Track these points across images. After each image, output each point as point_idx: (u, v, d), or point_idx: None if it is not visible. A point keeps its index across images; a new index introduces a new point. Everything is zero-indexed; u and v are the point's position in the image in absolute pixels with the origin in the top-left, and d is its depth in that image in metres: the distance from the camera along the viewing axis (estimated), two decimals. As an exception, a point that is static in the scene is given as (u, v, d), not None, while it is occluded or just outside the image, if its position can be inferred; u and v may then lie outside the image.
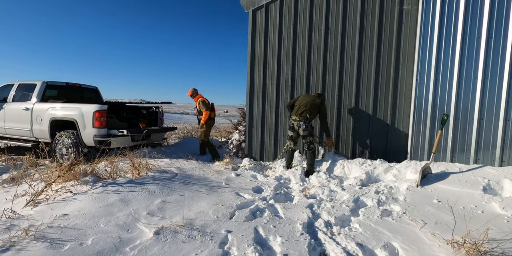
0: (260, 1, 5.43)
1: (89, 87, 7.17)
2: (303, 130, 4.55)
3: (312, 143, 4.60)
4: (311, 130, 4.62)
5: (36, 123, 5.80)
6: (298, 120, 4.57)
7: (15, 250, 2.14)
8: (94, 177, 3.73)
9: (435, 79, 4.48)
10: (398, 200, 3.33)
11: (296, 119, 4.59)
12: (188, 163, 4.96)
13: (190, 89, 6.36)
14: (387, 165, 4.37)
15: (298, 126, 4.59)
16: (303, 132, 4.57)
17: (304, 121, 4.54)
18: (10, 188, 3.80)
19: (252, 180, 4.31)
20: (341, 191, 3.69)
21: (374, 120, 4.98)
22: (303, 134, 4.58)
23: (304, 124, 4.53)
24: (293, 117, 4.65)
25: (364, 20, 4.95)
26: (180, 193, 3.47)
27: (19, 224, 2.55)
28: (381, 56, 4.90)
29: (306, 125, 4.54)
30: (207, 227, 2.66)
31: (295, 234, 2.56)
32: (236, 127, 9.56)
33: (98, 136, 5.19)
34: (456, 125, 4.37)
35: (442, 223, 2.71)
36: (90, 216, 2.71)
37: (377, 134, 4.97)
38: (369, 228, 2.68)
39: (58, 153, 5.54)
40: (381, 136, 4.95)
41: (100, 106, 5.24)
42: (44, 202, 3.05)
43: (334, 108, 5.17)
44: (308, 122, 4.59)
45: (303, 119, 4.55)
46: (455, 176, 3.72)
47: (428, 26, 4.51)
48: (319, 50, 5.21)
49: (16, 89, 6.35)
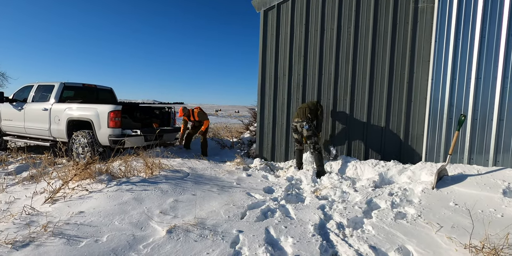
0: (272, 2, 5.43)
1: (104, 88, 7.34)
2: (307, 130, 4.56)
3: (317, 143, 4.58)
4: (314, 130, 4.63)
5: (54, 123, 5.98)
6: (300, 121, 4.62)
7: (34, 245, 2.21)
8: (109, 175, 3.82)
9: (451, 78, 4.36)
10: (413, 202, 3.26)
11: (298, 120, 4.66)
12: (199, 163, 5.01)
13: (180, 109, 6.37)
14: (401, 166, 4.28)
15: (301, 127, 4.61)
16: (307, 132, 4.57)
17: (307, 121, 4.60)
18: (30, 186, 3.94)
19: (263, 181, 4.31)
20: (353, 193, 3.64)
21: (388, 121, 4.89)
22: (307, 134, 4.58)
23: (307, 124, 4.57)
24: (295, 120, 4.72)
25: (378, 19, 4.87)
26: (192, 192, 3.50)
27: (38, 220, 2.64)
28: (395, 55, 4.81)
29: (309, 125, 4.57)
30: (218, 227, 2.67)
31: (306, 235, 2.54)
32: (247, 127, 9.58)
33: (113, 135, 5.30)
34: (474, 126, 4.23)
35: (459, 227, 2.63)
36: (105, 214, 2.78)
37: (391, 135, 4.88)
38: (383, 230, 2.63)
39: (74, 152, 5.69)
40: (395, 136, 4.85)
41: (115, 107, 5.35)
42: (62, 199, 3.14)
43: (346, 108, 5.10)
44: (311, 121, 4.63)
45: (305, 119, 4.60)
46: (473, 178, 3.60)
47: (444, 24, 4.39)
48: (331, 50, 5.16)
49: (35, 90, 6.57)
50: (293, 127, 4.75)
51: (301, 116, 4.64)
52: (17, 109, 6.66)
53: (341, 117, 5.15)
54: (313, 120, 4.68)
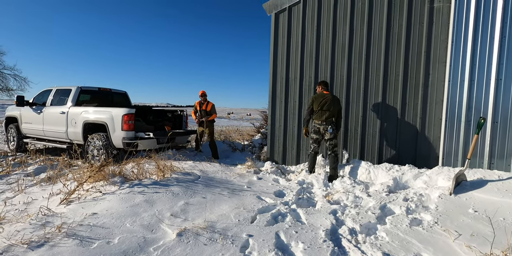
0: (283, 4, 5.42)
1: (119, 92, 7.52)
2: (330, 134, 4.48)
3: (336, 145, 4.50)
4: (335, 132, 4.55)
5: (71, 126, 6.17)
6: (324, 124, 4.50)
7: (48, 245, 2.26)
8: (122, 178, 3.88)
9: (470, 80, 4.21)
10: (429, 208, 3.14)
11: (322, 123, 4.52)
12: (210, 165, 5.02)
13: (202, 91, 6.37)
14: (416, 171, 4.15)
15: (325, 130, 4.51)
16: (329, 135, 4.49)
17: (331, 125, 4.49)
18: (47, 187, 4.06)
19: (274, 184, 4.28)
20: (366, 198, 3.55)
21: (402, 124, 4.76)
22: (329, 137, 4.50)
23: (331, 128, 4.48)
24: (318, 122, 4.56)
25: (391, 20, 4.78)
26: (202, 195, 3.51)
27: (53, 221, 2.71)
28: (409, 57, 4.70)
29: (333, 129, 4.49)
30: (228, 230, 2.66)
31: (317, 241, 2.49)
32: (258, 130, 9.58)
33: (126, 138, 5.40)
34: (494, 129, 4.06)
35: (479, 235, 2.51)
36: (117, 216, 2.82)
37: (406, 138, 4.75)
38: (397, 237, 2.55)
39: (90, 155, 5.84)
40: (410, 140, 4.72)
41: (129, 110, 5.46)
42: (76, 200, 3.22)
43: (359, 110, 5.01)
44: (334, 125, 4.55)
45: (329, 123, 4.49)
46: (494, 184, 3.45)
47: (462, 24, 4.25)
48: (343, 52, 5.09)
49: (54, 94, 6.81)
50: (316, 128, 4.60)
51: (325, 120, 4.48)
52: (36, 112, 6.91)
53: (354, 120, 5.06)
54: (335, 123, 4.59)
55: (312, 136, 4.67)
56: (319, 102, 4.50)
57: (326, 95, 4.53)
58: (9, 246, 2.24)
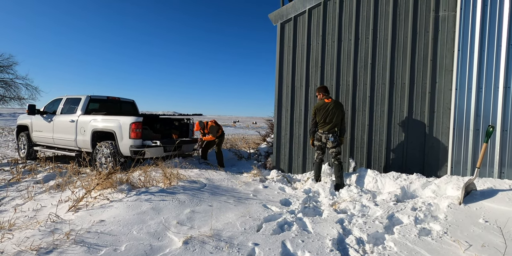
0: (288, 14, 5.53)
1: (127, 100, 7.66)
2: (332, 142, 4.46)
3: (339, 153, 4.47)
4: (338, 141, 4.52)
5: (80, 134, 6.28)
6: (326, 133, 4.49)
7: (57, 252, 2.29)
8: (129, 185, 3.92)
9: (477, 88, 4.19)
10: (438, 218, 3.08)
11: (324, 132, 4.52)
12: (216, 173, 5.04)
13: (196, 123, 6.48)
14: (424, 180, 4.09)
15: (326, 139, 4.50)
16: (331, 144, 4.47)
17: (333, 133, 4.48)
18: (56, 194, 4.12)
19: (280, 193, 4.26)
20: (373, 207, 3.51)
21: (409, 132, 4.73)
22: (332, 145, 4.48)
23: (333, 136, 4.45)
24: (321, 131, 4.55)
25: (397, 29, 4.82)
26: (208, 203, 3.51)
27: (62, 228, 2.74)
28: (415, 65, 4.71)
29: (334, 137, 4.46)
30: (234, 239, 2.65)
31: (324, 250, 2.46)
32: (264, 138, 9.59)
33: (134, 146, 5.47)
34: (504, 137, 4.01)
35: (490, 245, 2.45)
36: (124, 223, 2.84)
37: (413, 147, 4.70)
38: (406, 247, 2.50)
39: (98, 162, 5.91)
40: (417, 148, 4.67)
41: (136, 118, 5.55)
42: (84, 208, 3.25)
43: (365, 119, 5.00)
44: (337, 134, 4.52)
45: (331, 132, 4.48)
46: (505, 193, 3.37)
47: (468, 32, 4.27)
48: (348, 60, 5.13)
49: (64, 102, 6.97)
50: (318, 137, 4.61)
51: (328, 130, 4.47)
52: (47, 120, 7.07)
53: (360, 128, 5.05)
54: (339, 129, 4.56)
55: (315, 143, 4.68)
56: (321, 114, 4.48)
57: (327, 104, 4.46)
58: (19, 252, 2.28)
